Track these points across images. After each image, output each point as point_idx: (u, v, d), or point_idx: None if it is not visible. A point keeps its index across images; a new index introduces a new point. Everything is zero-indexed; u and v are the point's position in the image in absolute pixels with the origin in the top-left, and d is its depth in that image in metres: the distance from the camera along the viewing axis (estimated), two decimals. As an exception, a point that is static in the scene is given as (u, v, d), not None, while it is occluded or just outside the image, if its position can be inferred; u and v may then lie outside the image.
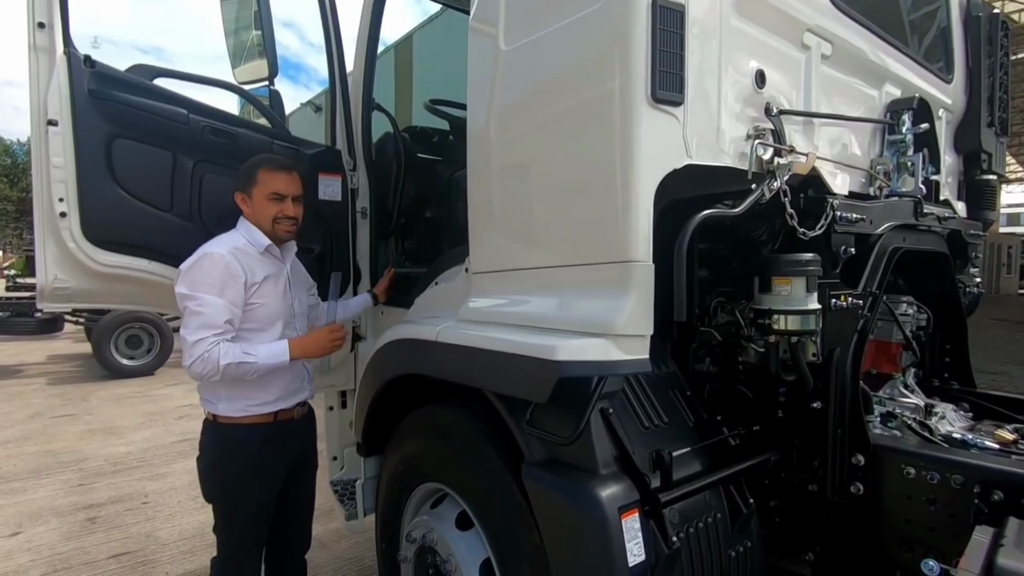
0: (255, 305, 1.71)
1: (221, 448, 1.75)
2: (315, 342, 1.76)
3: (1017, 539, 1.10)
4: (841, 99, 1.71)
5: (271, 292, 1.75)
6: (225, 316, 1.62)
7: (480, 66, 1.58)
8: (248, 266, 1.69)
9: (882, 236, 1.65)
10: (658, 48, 1.18)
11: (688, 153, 1.25)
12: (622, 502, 1.20)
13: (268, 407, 1.76)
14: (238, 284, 1.65)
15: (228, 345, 1.60)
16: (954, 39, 2.27)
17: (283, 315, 1.79)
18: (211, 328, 1.59)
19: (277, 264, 1.82)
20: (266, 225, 1.76)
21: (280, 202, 1.77)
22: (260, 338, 1.72)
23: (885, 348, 1.91)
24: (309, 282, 2.07)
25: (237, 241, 1.74)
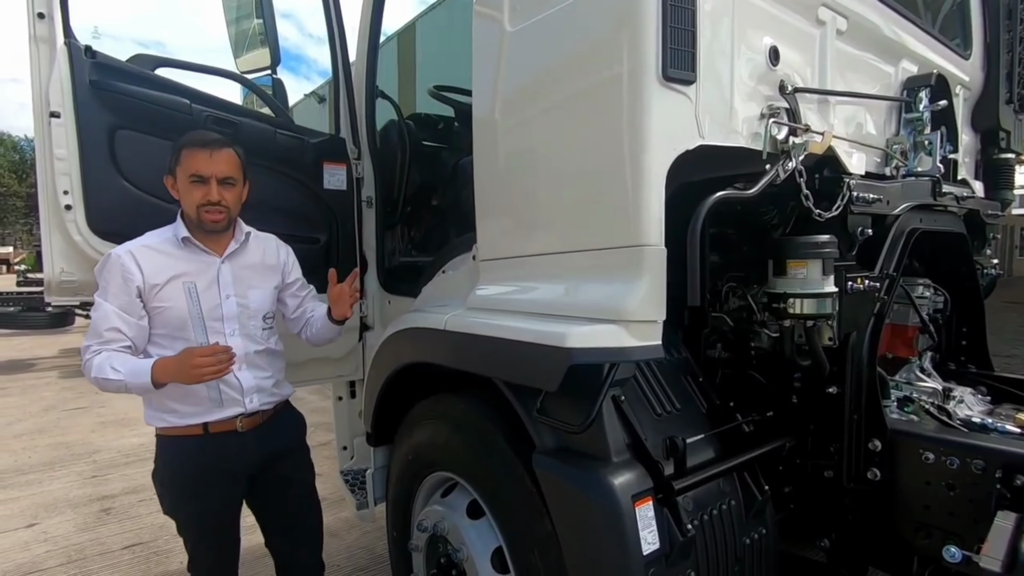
0: (159, 308, 1.52)
1: (157, 460, 1.64)
2: (178, 368, 1.42)
3: (1042, 524, 1.08)
4: (857, 76, 1.66)
5: (178, 293, 1.53)
6: (110, 323, 1.46)
7: (485, 49, 1.54)
8: (148, 265, 1.50)
9: (899, 217, 1.61)
10: (669, 25, 1.15)
11: (700, 133, 1.22)
12: (635, 490, 1.18)
13: (189, 419, 1.56)
14: (129, 288, 1.48)
15: (104, 356, 1.44)
16: (972, 13, 2.20)
17: (200, 319, 1.55)
18: (95, 337, 1.47)
19: (203, 257, 1.59)
20: (191, 212, 1.55)
21: (202, 185, 1.52)
22: (174, 345, 1.52)
23: (901, 331, 1.87)
24: (288, 278, 1.80)
25: (160, 236, 1.58)
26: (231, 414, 1.59)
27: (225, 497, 1.63)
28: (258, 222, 1.89)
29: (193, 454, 1.57)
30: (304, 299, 1.84)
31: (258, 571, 2.41)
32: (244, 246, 1.67)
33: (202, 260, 1.59)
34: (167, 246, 1.56)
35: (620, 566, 1.15)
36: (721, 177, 1.37)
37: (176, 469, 1.58)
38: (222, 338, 1.57)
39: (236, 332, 1.61)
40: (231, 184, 1.57)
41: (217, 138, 1.59)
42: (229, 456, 1.61)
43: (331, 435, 2.96)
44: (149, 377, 1.41)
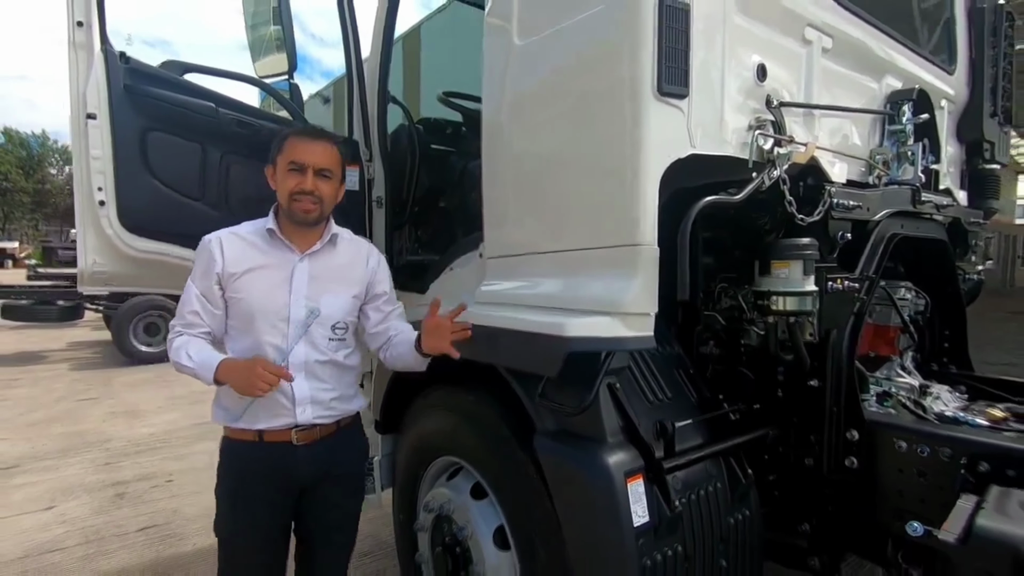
0: (234, 299, 1.48)
1: (219, 456, 1.57)
2: (238, 373, 1.37)
3: (997, 504, 1.19)
4: (842, 90, 1.77)
5: (256, 286, 1.47)
6: (191, 306, 1.46)
7: (495, 59, 1.66)
8: (231, 254, 1.46)
9: (880, 223, 1.72)
10: (664, 44, 1.26)
11: (692, 143, 1.33)
12: (628, 468, 1.29)
13: (244, 422, 1.48)
14: (210, 274, 1.46)
15: (184, 339, 1.44)
16: (958, 30, 2.31)
17: (268, 315, 1.47)
18: (179, 317, 1.48)
19: (283, 253, 1.51)
20: (284, 201, 1.48)
21: (299, 173, 1.45)
22: (243, 339, 1.49)
23: (883, 331, 1.98)
24: (374, 290, 1.66)
25: (253, 224, 1.55)
26: (284, 424, 1.50)
27: (272, 510, 1.52)
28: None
29: (244, 459, 1.50)
30: (389, 315, 1.70)
31: None
32: (330, 247, 1.57)
33: (282, 255, 1.51)
34: (254, 236, 1.51)
35: (613, 536, 1.26)
36: (715, 183, 1.48)
37: (227, 472, 1.53)
38: (284, 340, 1.48)
39: (298, 336, 1.49)
40: (327, 177, 1.50)
41: (322, 131, 1.57)
42: (280, 468, 1.50)
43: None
44: (212, 374, 1.39)
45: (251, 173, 2.20)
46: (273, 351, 1.47)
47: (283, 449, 1.50)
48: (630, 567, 1.26)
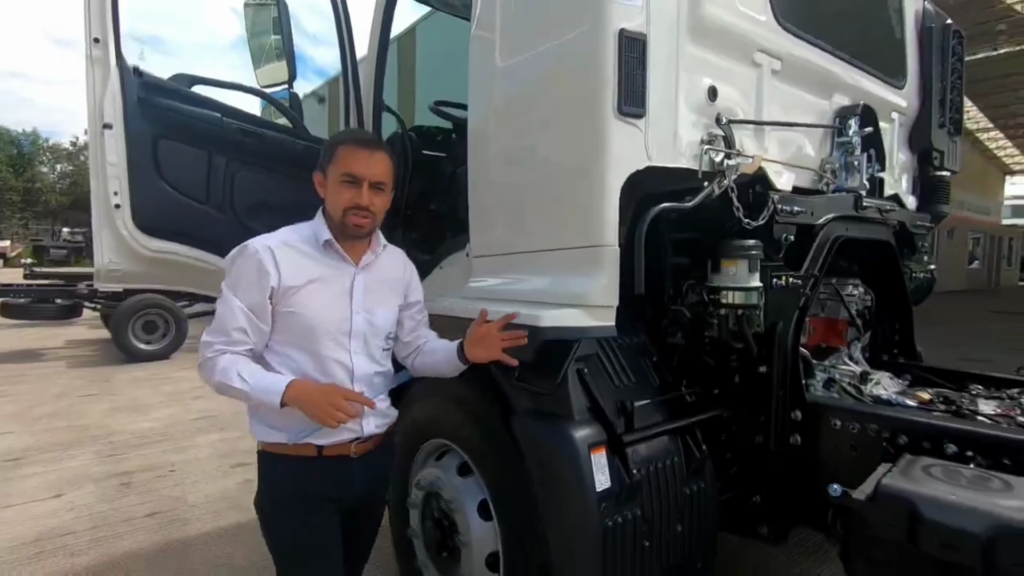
0: (289, 313, 1.37)
1: (262, 480, 1.46)
2: (316, 401, 1.31)
3: (903, 468, 1.38)
4: (793, 107, 1.96)
5: (318, 299, 1.39)
6: (238, 322, 1.34)
7: (479, 77, 1.85)
8: (287, 265, 1.36)
9: (825, 226, 1.92)
10: (623, 71, 1.45)
11: (649, 157, 1.52)
12: (591, 440, 1.48)
13: (301, 437, 1.40)
14: (263, 287, 1.34)
15: (230, 359, 1.33)
16: (908, 49, 2.51)
17: (330, 330, 1.40)
18: (221, 334, 1.34)
19: (340, 265, 1.44)
20: (336, 214, 1.41)
21: (353, 186, 1.38)
22: (293, 355, 1.40)
23: (833, 324, 2.18)
24: (410, 298, 1.64)
25: (299, 232, 1.45)
26: (347, 438, 1.44)
27: (330, 523, 1.46)
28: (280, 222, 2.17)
29: (303, 476, 1.40)
30: (420, 323, 1.69)
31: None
32: (379, 258, 1.53)
33: (339, 267, 1.44)
34: (306, 246, 1.42)
35: (578, 499, 1.45)
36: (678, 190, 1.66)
37: (283, 491, 1.41)
38: (346, 355, 1.43)
39: (360, 350, 1.46)
40: (381, 189, 1.44)
41: (376, 139, 1.49)
42: (340, 482, 1.45)
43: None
44: (280, 398, 1.29)
45: (254, 178, 2.39)
46: (338, 367, 1.41)
47: (342, 462, 1.44)
48: (593, 526, 1.44)
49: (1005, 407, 1.77)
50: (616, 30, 1.44)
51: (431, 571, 2.07)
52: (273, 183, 2.44)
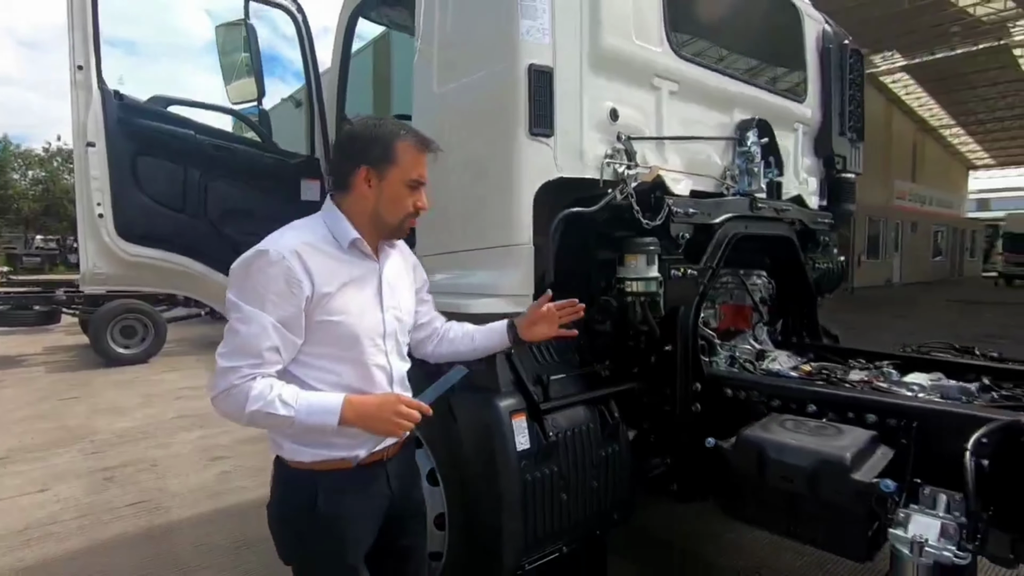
0: (329, 322, 1.24)
1: (287, 497, 1.32)
2: (377, 415, 1.21)
3: (764, 423, 1.69)
4: (695, 122, 2.28)
5: (354, 303, 1.28)
6: (270, 340, 1.18)
7: (420, 99, 2.13)
8: (317, 270, 1.22)
9: (722, 225, 2.23)
10: (533, 98, 1.75)
11: (558, 169, 1.81)
12: (513, 408, 1.76)
13: (344, 451, 1.28)
14: (296, 298, 1.19)
15: (265, 384, 1.16)
16: (809, 67, 2.85)
17: (370, 335, 1.30)
18: (248, 356, 1.17)
19: (367, 264, 1.33)
20: (395, 217, 1.31)
21: (416, 190, 1.31)
22: (334, 369, 1.26)
23: (740, 310, 2.50)
24: (418, 281, 1.55)
25: (313, 232, 1.28)
26: (386, 444, 1.35)
27: (370, 535, 1.37)
28: (252, 227, 2.41)
29: (343, 490, 1.29)
30: (429, 305, 1.61)
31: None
32: (392, 248, 1.42)
33: (365, 266, 1.33)
34: (327, 246, 1.27)
35: (502, 458, 1.73)
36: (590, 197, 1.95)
37: (314, 510, 1.27)
38: (384, 357, 1.33)
39: (393, 349, 1.37)
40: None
41: (432, 139, 1.35)
42: (376, 489, 1.36)
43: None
44: (336, 419, 1.17)
45: (226, 188, 2.63)
46: (379, 372, 1.32)
47: (378, 469, 1.35)
48: (514, 480, 1.72)
49: (870, 375, 2.09)
50: (527, 65, 1.73)
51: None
52: (244, 192, 2.68)
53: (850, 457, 1.42)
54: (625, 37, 1.94)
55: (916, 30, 16.74)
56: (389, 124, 1.33)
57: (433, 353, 1.63)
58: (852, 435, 1.55)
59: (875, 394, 1.80)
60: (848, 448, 1.46)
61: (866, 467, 1.44)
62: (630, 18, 1.95)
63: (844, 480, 1.40)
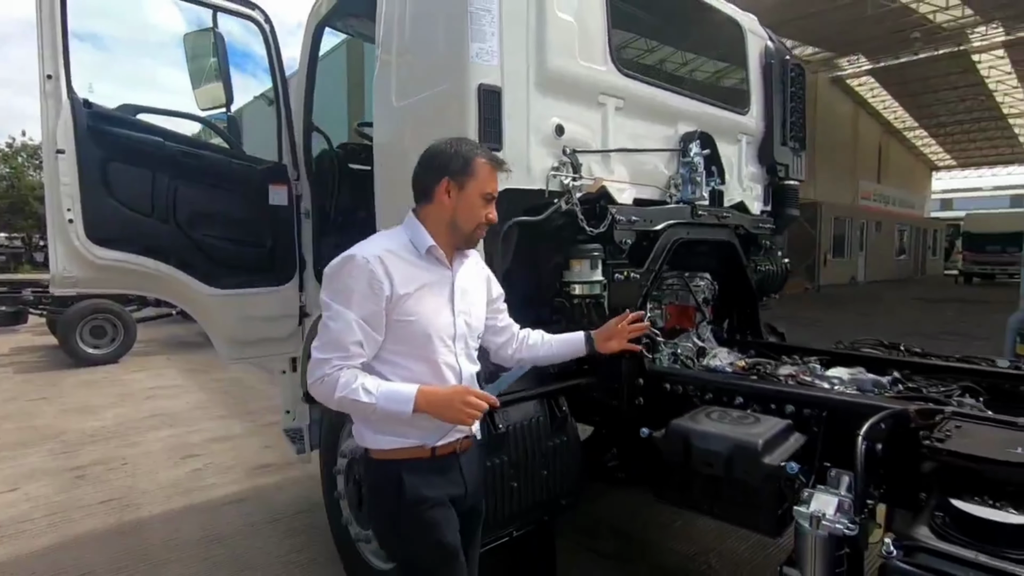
0: (405, 322, 1.38)
1: (376, 486, 1.49)
2: (448, 404, 1.34)
3: (693, 414, 1.86)
4: (641, 135, 2.43)
5: (428, 305, 1.42)
6: (354, 336, 1.33)
7: (380, 112, 2.25)
8: (397, 274, 1.37)
9: (665, 231, 2.39)
10: (483, 115, 1.88)
11: (507, 181, 1.95)
12: (464, 403, 1.89)
13: (417, 439, 1.42)
14: (377, 298, 1.34)
15: (351, 374, 1.32)
16: (752, 81, 3.03)
17: (441, 335, 1.44)
18: (337, 349, 1.33)
19: (441, 270, 1.47)
20: (467, 227, 1.46)
21: (489, 204, 1.47)
22: (407, 364, 1.41)
23: (684, 310, 2.68)
24: (493, 293, 1.68)
25: (395, 240, 1.45)
26: (459, 436, 1.49)
27: (453, 523, 1.47)
28: (221, 231, 2.51)
29: (421, 477, 1.43)
30: (504, 313, 1.75)
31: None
32: (467, 259, 1.57)
33: (440, 272, 1.47)
34: (405, 252, 1.43)
35: (453, 449, 1.86)
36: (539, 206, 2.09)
37: (401, 495, 1.41)
38: (453, 357, 1.47)
39: (462, 352, 1.50)
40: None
41: (502, 158, 1.54)
42: (452, 479, 1.49)
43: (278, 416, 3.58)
44: (411, 406, 1.31)
45: (194, 193, 2.71)
46: (449, 371, 1.45)
47: (452, 459, 1.49)
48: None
49: (798, 370, 2.28)
50: (476, 85, 1.87)
51: (354, 525, 2.45)
52: (212, 197, 2.76)
53: (762, 443, 1.59)
54: (570, 58, 2.09)
55: (879, 35, 17.32)
56: (467, 143, 1.52)
57: (512, 357, 1.77)
58: (768, 423, 1.72)
59: (793, 387, 1.99)
60: (761, 435, 1.63)
61: (777, 452, 1.61)
62: (575, 40, 2.09)
63: (756, 463, 1.57)
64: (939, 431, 1.39)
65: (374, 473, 1.48)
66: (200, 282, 2.75)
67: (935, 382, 2.08)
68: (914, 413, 1.52)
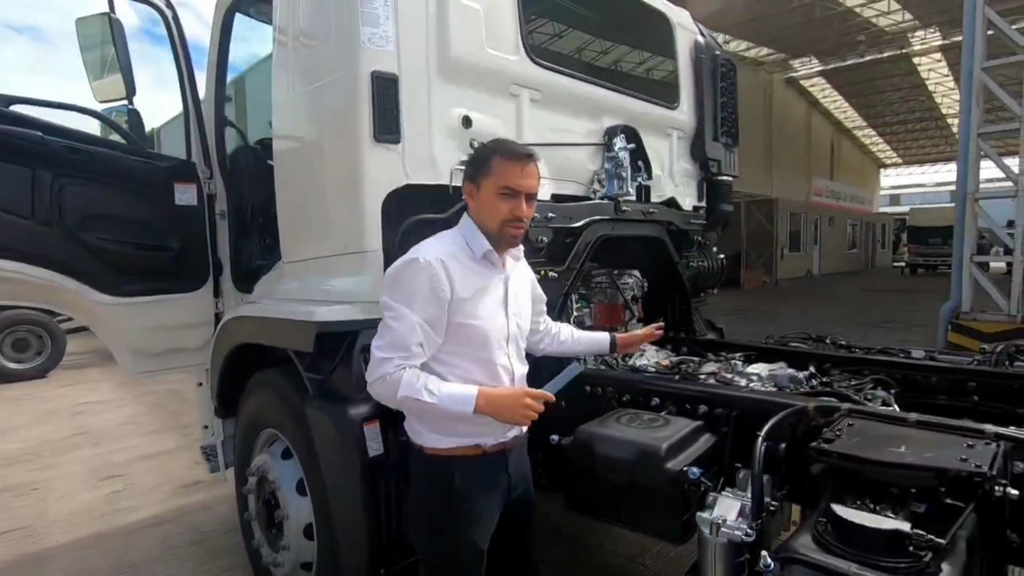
0: (464, 325, 1.42)
1: (424, 481, 1.53)
2: (508, 405, 1.38)
3: (603, 418, 1.77)
4: (561, 129, 2.34)
5: (485, 308, 1.45)
6: (417, 337, 1.36)
7: (280, 102, 2.10)
8: (457, 277, 1.40)
9: (587, 227, 2.31)
10: (377, 105, 1.75)
11: (407, 176, 1.83)
12: (365, 416, 1.76)
13: (471, 439, 1.47)
14: (440, 301, 1.37)
15: (413, 374, 1.36)
16: (681, 76, 2.99)
17: (495, 337, 1.47)
18: (399, 349, 1.36)
19: (495, 274, 1.50)
20: (492, 225, 1.45)
21: (511, 199, 1.43)
22: (464, 365, 1.44)
23: (612, 308, 2.60)
24: (539, 296, 1.75)
25: (454, 243, 1.47)
26: (513, 435, 1.54)
27: (493, 520, 1.52)
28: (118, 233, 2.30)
29: (472, 475, 1.47)
30: (543, 313, 1.83)
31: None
32: (518, 263, 1.60)
33: (495, 275, 1.50)
34: (463, 256, 1.45)
35: (351, 465, 1.73)
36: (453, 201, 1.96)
37: (448, 492, 1.45)
38: (507, 358, 1.51)
39: (514, 353, 1.54)
40: (533, 200, 1.50)
41: (530, 152, 1.49)
42: (499, 477, 1.53)
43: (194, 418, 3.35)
44: (472, 407, 1.34)
45: (84, 192, 2.48)
46: (504, 372, 1.49)
47: (500, 458, 1.53)
48: (364, 488, 1.73)
49: (720, 368, 2.23)
50: (369, 72, 1.74)
51: (266, 548, 2.29)
52: (106, 197, 2.54)
53: (665, 447, 1.52)
54: (476, 45, 1.98)
55: (828, 38, 17.91)
56: (494, 143, 1.55)
57: (544, 351, 1.86)
58: (677, 426, 1.65)
59: (705, 387, 1.93)
60: (666, 439, 1.55)
61: (682, 456, 1.54)
62: (481, 27, 1.98)
63: (658, 469, 1.49)
64: (830, 430, 1.33)
65: (425, 468, 1.51)
66: (94, 290, 2.52)
67: (849, 376, 2.05)
68: (813, 411, 1.46)
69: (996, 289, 5.67)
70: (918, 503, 1.13)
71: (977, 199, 5.66)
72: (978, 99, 5.54)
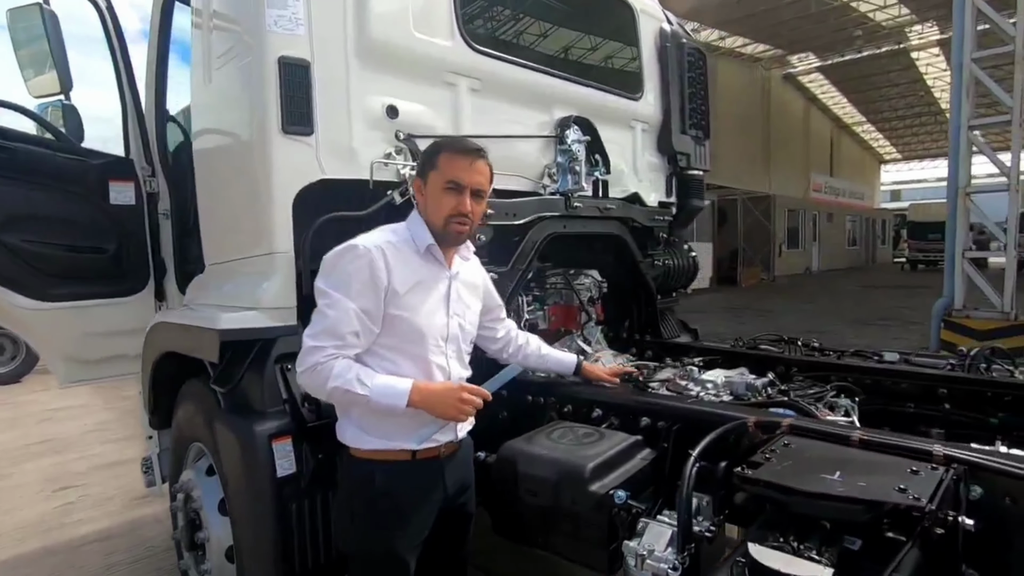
0: (398, 317, 1.36)
1: (349, 484, 1.45)
2: (442, 399, 1.33)
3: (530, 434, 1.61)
4: (507, 121, 2.19)
5: (423, 303, 1.40)
6: (352, 326, 1.30)
7: (195, 91, 1.95)
8: (396, 267, 1.35)
9: (535, 224, 2.16)
10: (286, 94, 1.60)
11: (322, 170, 1.68)
12: (273, 431, 1.61)
13: (401, 442, 1.37)
14: (377, 289, 1.32)
15: (345, 364, 1.29)
16: (645, 65, 2.83)
17: (432, 334, 1.41)
18: (332, 338, 1.29)
19: (439, 270, 1.45)
20: (436, 221, 1.40)
21: (456, 194, 1.38)
22: (396, 360, 1.38)
23: (567, 311, 2.45)
24: (494, 301, 1.71)
25: (398, 235, 1.42)
26: (446, 440, 1.44)
27: (422, 529, 1.43)
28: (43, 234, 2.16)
29: (399, 480, 1.39)
30: (505, 322, 1.78)
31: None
32: (467, 263, 1.55)
33: (438, 272, 1.45)
34: (405, 248, 1.40)
35: (258, 485, 1.59)
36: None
37: (373, 497, 1.39)
38: (444, 359, 1.44)
39: (454, 354, 1.47)
40: (481, 197, 1.44)
41: (478, 147, 1.44)
42: (431, 484, 1.44)
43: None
44: (405, 400, 1.29)
45: (8, 192, 2.34)
46: (439, 371, 1.42)
47: (433, 464, 1.44)
48: (273, 508, 1.58)
49: (676, 374, 2.08)
50: (276, 58, 1.59)
51: (192, 571, 2.14)
52: (30, 197, 2.39)
53: (591, 467, 1.37)
54: (401, 29, 1.83)
55: (824, 33, 17.69)
56: (445, 140, 1.55)
57: (505, 360, 1.78)
58: (611, 441, 1.50)
59: (646, 397, 1.77)
60: (593, 457, 1.40)
61: (611, 477, 1.39)
62: (407, 9, 1.83)
63: (583, 491, 1.35)
64: (763, 451, 1.18)
65: (348, 467, 1.45)
66: (20, 295, 2.38)
67: (812, 383, 1.90)
68: (754, 426, 1.31)
69: (989, 285, 5.50)
70: (852, 538, 0.98)
71: (969, 193, 5.49)
72: (968, 91, 5.38)
